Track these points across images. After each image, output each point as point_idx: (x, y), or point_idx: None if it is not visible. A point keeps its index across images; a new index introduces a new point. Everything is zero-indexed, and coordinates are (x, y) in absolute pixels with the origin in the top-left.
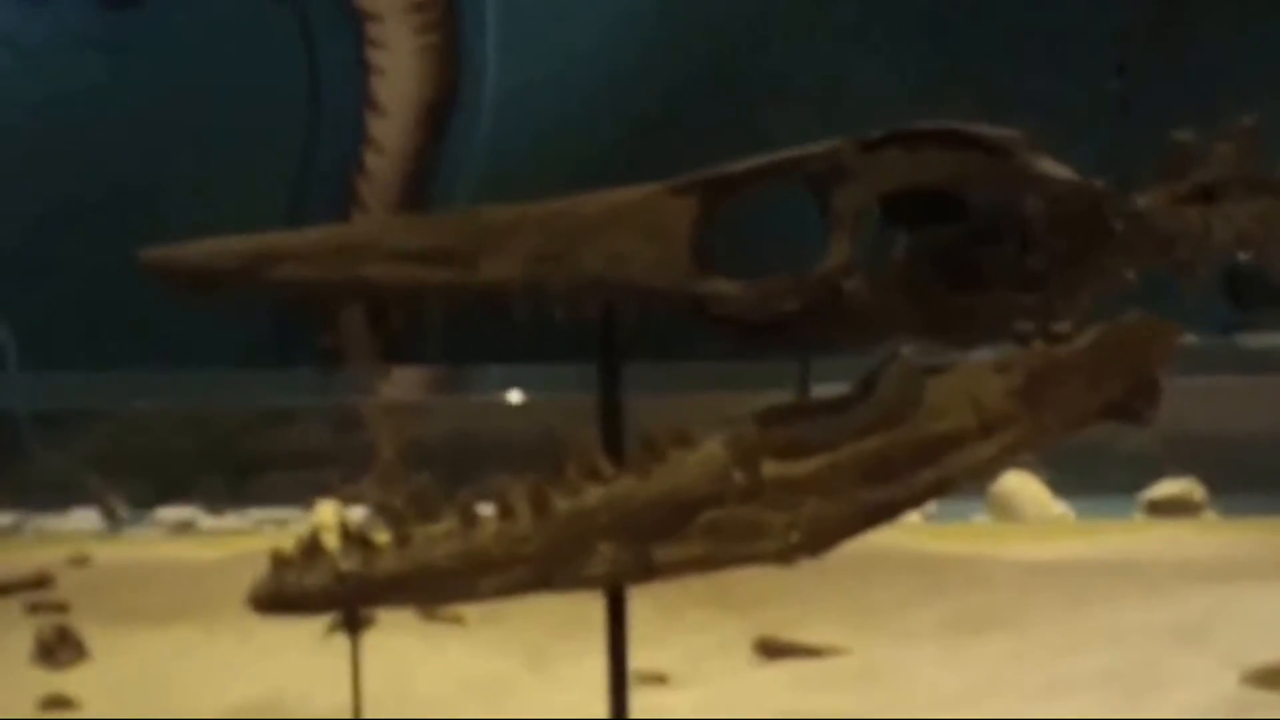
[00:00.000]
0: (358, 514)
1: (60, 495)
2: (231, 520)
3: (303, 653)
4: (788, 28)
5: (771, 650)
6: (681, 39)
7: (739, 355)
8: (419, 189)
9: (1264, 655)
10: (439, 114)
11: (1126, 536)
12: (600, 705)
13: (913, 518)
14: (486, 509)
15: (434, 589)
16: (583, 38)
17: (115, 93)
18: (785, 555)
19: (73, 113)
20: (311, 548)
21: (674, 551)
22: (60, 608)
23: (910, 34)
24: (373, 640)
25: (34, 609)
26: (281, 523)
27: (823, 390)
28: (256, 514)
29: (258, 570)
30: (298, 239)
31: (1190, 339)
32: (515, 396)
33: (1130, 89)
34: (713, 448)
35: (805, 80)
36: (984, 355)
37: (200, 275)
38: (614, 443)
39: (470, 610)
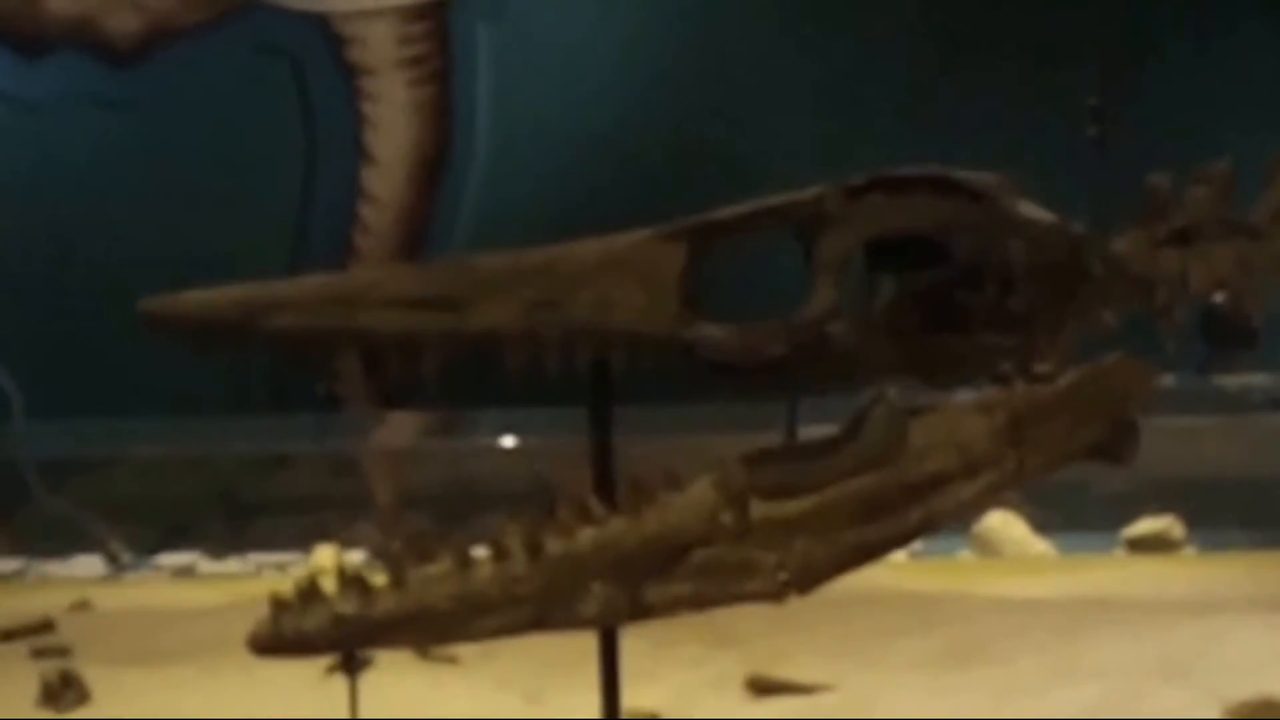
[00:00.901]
0: (356, 557)
1: (64, 541)
2: (232, 564)
3: (302, 694)
4: (780, 72)
5: (762, 687)
6: (675, 86)
7: (727, 399)
8: (415, 240)
9: (1244, 689)
10: (433, 166)
11: (1107, 573)
12: None
13: (898, 555)
14: (482, 551)
15: (431, 630)
16: (574, 87)
17: (116, 147)
18: (774, 594)
19: (74, 167)
20: (309, 591)
21: (665, 591)
22: (64, 652)
23: (888, 78)
24: (371, 680)
25: (38, 653)
26: (281, 567)
27: (810, 432)
28: (256, 558)
29: (257, 613)
30: (293, 287)
31: (1169, 380)
32: (509, 441)
33: (1107, 133)
34: (702, 489)
35: (796, 124)
36: (967, 396)
37: (196, 324)
38: (605, 485)
39: (466, 649)
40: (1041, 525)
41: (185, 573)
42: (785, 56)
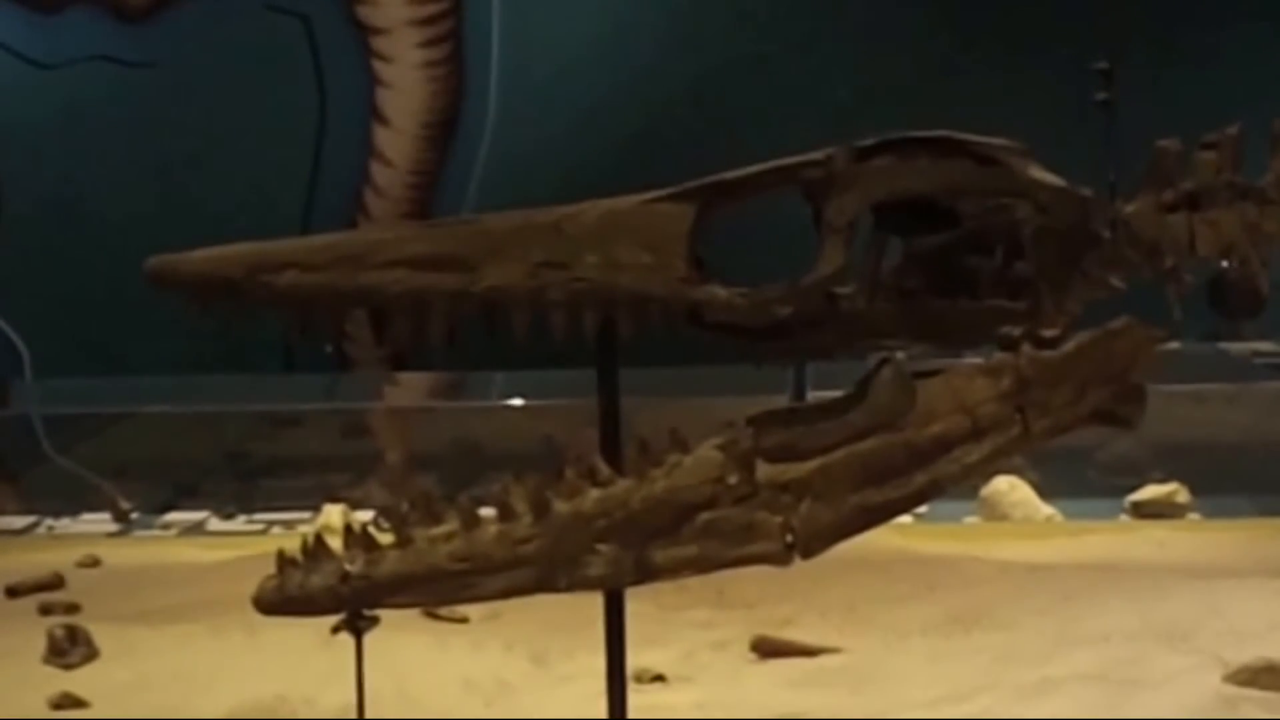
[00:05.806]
0: (365, 517)
1: (73, 498)
2: (240, 523)
3: (308, 652)
4: (786, 41)
5: (768, 649)
6: (688, 49)
7: (735, 361)
8: (427, 201)
9: (1246, 654)
10: (445, 126)
11: (1113, 537)
12: (601, 703)
13: (904, 518)
14: (488, 511)
15: (436, 590)
16: (587, 48)
17: (127, 105)
18: (780, 556)
19: (85, 124)
20: (316, 549)
21: (671, 553)
22: (71, 608)
23: (897, 42)
24: (377, 639)
25: (46, 610)
26: (290, 525)
27: (816, 395)
28: (265, 517)
29: (264, 572)
30: (300, 246)
31: (1176, 345)
32: (518, 401)
33: (1116, 96)
34: (708, 451)
35: (804, 92)
36: (974, 360)
37: (203, 283)
38: (612, 447)
39: (473, 609)
40: (1047, 489)
41: (194, 530)
42: (795, 22)
